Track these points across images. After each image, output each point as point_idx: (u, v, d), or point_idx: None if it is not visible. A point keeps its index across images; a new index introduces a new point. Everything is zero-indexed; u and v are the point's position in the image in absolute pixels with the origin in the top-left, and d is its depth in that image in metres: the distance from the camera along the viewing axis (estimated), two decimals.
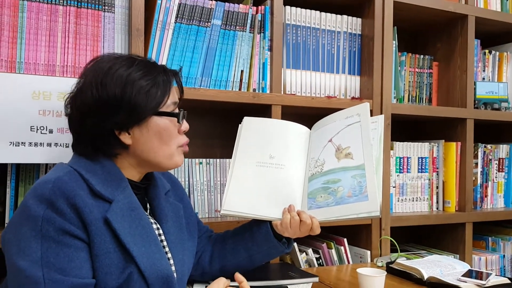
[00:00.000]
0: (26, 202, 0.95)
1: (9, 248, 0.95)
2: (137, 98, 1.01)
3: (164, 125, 1.06)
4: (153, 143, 1.06)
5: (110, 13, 1.40)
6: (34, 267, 0.91)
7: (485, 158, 2.07)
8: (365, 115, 1.23)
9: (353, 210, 1.14)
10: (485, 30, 2.09)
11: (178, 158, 1.12)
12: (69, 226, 0.94)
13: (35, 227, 0.92)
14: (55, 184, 0.95)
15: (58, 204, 0.93)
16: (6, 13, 1.28)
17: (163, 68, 1.09)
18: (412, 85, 1.98)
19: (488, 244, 2.10)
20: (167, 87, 1.07)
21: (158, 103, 1.05)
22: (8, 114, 1.22)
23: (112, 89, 1.01)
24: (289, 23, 1.65)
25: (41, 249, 0.92)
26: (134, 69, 1.03)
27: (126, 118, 1.02)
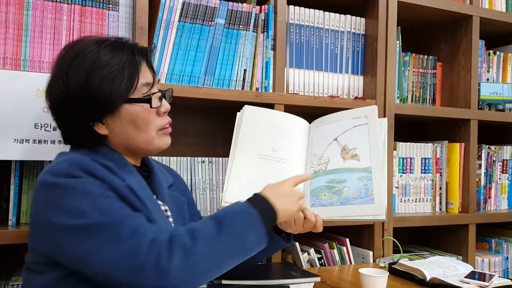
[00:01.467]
0: (49, 180, 0.93)
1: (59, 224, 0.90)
2: (102, 87, 0.98)
3: (136, 112, 1.03)
4: (129, 131, 1.04)
5: (114, 12, 1.41)
6: (100, 218, 0.89)
7: (489, 160, 2.06)
8: (373, 118, 1.22)
9: (358, 212, 1.14)
10: (490, 30, 2.09)
11: (159, 141, 1.08)
12: (105, 186, 0.94)
13: (78, 191, 0.91)
14: (70, 162, 0.95)
15: (82, 175, 0.93)
16: (11, 11, 1.29)
17: (131, 49, 1.04)
18: (416, 85, 1.98)
19: (491, 246, 2.09)
20: (134, 71, 1.02)
21: (126, 90, 1.01)
22: (13, 111, 1.23)
23: (76, 80, 0.99)
24: (293, 23, 1.66)
25: (96, 205, 0.90)
26: (99, 55, 1.00)
27: (95, 109, 1.00)
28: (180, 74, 1.48)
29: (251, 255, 0.98)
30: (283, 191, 1.07)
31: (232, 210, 0.98)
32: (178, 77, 1.48)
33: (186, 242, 0.89)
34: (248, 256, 0.98)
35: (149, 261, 0.86)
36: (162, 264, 0.86)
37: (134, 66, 1.03)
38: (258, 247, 0.98)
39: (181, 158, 1.55)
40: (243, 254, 0.96)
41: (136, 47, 1.06)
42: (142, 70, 1.05)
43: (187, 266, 0.88)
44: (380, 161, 1.17)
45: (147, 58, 1.07)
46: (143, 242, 0.87)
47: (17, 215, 1.31)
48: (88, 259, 0.88)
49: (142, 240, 0.88)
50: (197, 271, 0.89)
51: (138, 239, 0.88)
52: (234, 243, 0.94)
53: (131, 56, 1.03)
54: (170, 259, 0.87)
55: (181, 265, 0.87)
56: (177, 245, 0.88)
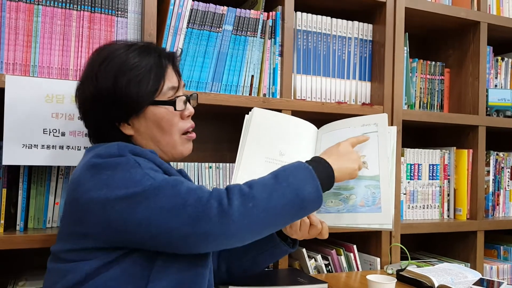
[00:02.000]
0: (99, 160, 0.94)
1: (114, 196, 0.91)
2: (128, 89, 1.02)
3: (161, 114, 1.06)
4: (154, 133, 1.07)
5: (123, 18, 1.42)
6: (156, 182, 0.91)
7: (497, 166, 2.05)
8: (383, 126, 1.21)
9: (365, 220, 1.14)
10: (498, 37, 2.08)
11: (182, 147, 1.11)
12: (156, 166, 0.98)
13: (132, 165, 0.93)
14: (120, 145, 0.98)
15: (132, 156, 0.96)
16: (21, 18, 1.30)
17: (158, 53, 1.08)
18: (424, 91, 1.98)
19: (500, 253, 2.07)
20: (161, 73, 1.06)
21: (152, 92, 1.04)
22: (22, 116, 1.24)
23: (104, 82, 1.02)
24: (300, 29, 1.66)
25: (150, 175, 0.92)
26: (128, 58, 1.03)
27: (122, 110, 1.03)
28: (188, 80, 1.49)
29: (309, 211, 0.99)
30: (341, 151, 1.09)
31: (286, 167, 1.00)
32: (186, 83, 1.48)
33: (243, 188, 0.92)
34: (305, 210, 0.98)
35: (212, 205, 0.88)
36: (223, 207, 0.88)
37: (161, 70, 1.06)
38: (316, 201, 0.98)
39: (189, 163, 1.55)
40: (300, 205, 0.96)
41: (163, 51, 1.10)
42: (168, 73, 1.08)
43: (246, 209, 0.90)
44: (389, 170, 1.17)
45: (173, 63, 1.11)
46: (203, 193, 0.91)
47: (25, 220, 1.32)
48: (150, 221, 0.89)
49: (201, 192, 0.91)
50: (256, 215, 0.91)
51: (197, 192, 0.91)
52: (291, 193, 0.94)
53: (158, 60, 1.06)
54: (230, 203, 0.89)
55: (241, 208, 0.89)
56: (235, 191, 0.91)
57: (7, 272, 1.44)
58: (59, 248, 1.02)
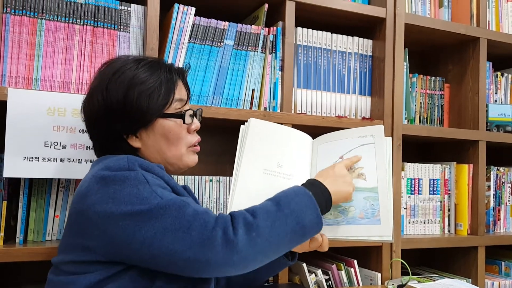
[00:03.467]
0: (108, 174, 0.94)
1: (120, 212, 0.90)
2: (139, 102, 1.03)
3: (169, 127, 1.07)
4: (161, 145, 1.07)
5: (125, 33, 1.44)
6: (162, 201, 0.91)
7: (498, 181, 2.04)
8: (379, 137, 1.22)
9: (365, 232, 1.13)
10: (497, 53, 2.09)
11: (188, 158, 1.12)
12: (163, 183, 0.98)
13: (140, 181, 0.93)
14: (129, 159, 0.98)
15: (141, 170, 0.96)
16: (25, 32, 1.32)
17: (168, 68, 1.10)
18: (424, 106, 1.98)
19: (501, 269, 2.06)
20: (171, 87, 1.08)
21: (162, 105, 1.06)
22: (23, 129, 1.24)
23: (115, 94, 1.03)
24: (301, 44, 1.67)
25: (157, 193, 0.92)
26: (138, 72, 1.05)
27: (131, 122, 1.04)
28: None
29: (309, 236, 1.00)
30: (336, 173, 1.10)
31: (287, 192, 1.01)
32: None
33: (247, 217, 0.92)
34: (306, 236, 1.00)
35: (217, 233, 0.88)
36: (228, 236, 0.88)
37: (171, 83, 1.08)
38: (316, 227, 1.00)
39: (189, 176, 1.55)
40: (301, 232, 0.97)
41: (173, 66, 1.12)
42: (178, 87, 1.10)
43: (251, 239, 0.90)
44: (387, 181, 1.17)
45: (183, 77, 1.13)
46: (209, 218, 0.91)
47: (25, 232, 1.32)
48: (153, 241, 0.89)
49: (207, 216, 0.91)
50: (260, 244, 0.91)
51: (203, 216, 0.91)
52: (293, 221, 0.96)
53: (169, 74, 1.08)
54: (235, 232, 0.89)
55: (246, 237, 0.90)
56: (239, 220, 0.91)
57: (6, 285, 1.44)
58: (60, 260, 1.01)
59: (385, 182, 1.16)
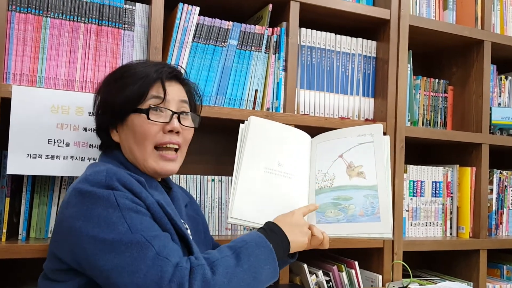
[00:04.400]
0: (85, 188, 0.94)
1: (87, 233, 0.91)
2: (116, 95, 1.06)
3: (137, 122, 1.06)
4: (130, 141, 1.08)
5: (129, 32, 1.44)
6: (128, 235, 0.90)
7: (501, 185, 2.04)
8: (378, 136, 1.23)
9: (365, 230, 1.14)
10: (502, 55, 2.09)
11: (155, 163, 1.07)
12: (139, 201, 0.96)
13: (111, 204, 0.92)
14: (108, 172, 0.97)
15: (118, 187, 0.95)
16: (30, 29, 1.32)
17: (159, 68, 1.09)
18: (427, 108, 1.98)
19: (503, 273, 2.05)
20: (148, 83, 1.06)
21: (134, 100, 1.05)
22: (27, 126, 1.25)
23: (102, 92, 1.11)
24: (304, 45, 1.68)
25: (126, 220, 0.91)
26: (128, 69, 1.10)
27: (110, 117, 1.09)
28: None
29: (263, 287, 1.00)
30: (294, 222, 1.09)
31: (249, 243, 0.99)
32: None
33: (206, 273, 0.90)
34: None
35: None
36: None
37: (150, 79, 1.07)
38: (271, 280, 1.01)
39: (191, 176, 1.56)
40: (256, 287, 0.97)
41: (165, 66, 1.12)
42: (156, 85, 1.08)
43: None
44: (386, 179, 1.18)
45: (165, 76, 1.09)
46: (167, 267, 0.88)
47: (27, 229, 1.32)
48: (110, 275, 0.89)
49: (166, 265, 0.88)
50: None
51: (162, 264, 0.88)
52: (250, 277, 0.95)
53: (155, 73, 1.07)
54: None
55: None
56: (198, 277, 0.89)
57: (8, 281, 1.44)
58: (45, 265, 1.05)
59: (384, 180, 1.17)
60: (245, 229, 1.61)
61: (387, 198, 1.16)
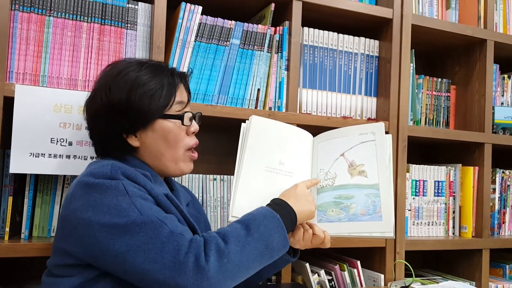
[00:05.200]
0: (90, 181, 0.95)
1: (96, 221, 0.92)
2: (141, 102, 1.05)
3: (168, 127, 1.09)
4: (159, 145, 1.09)
5: (132, 31, 1.44)
6: (139, 217, 0.92)
7: (503, 184, 2.04)
8: (380, 135, 1.23)
9: (367, 229, 1.14)
10: (504, 55, 2.08)
11: (184, 165, 1.13)
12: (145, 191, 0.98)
13: (120, 192, 0.94)
14: (113, 166, 0.99)
15: (124, 179, 0.97)
16: (33, 28, 1.33)
17: (170, 71, 1.12)
18: (429, 108, 1.98)
19: (506, 272, 2.05)
20: (172, 90, 1.10)
21: (163, 106, 1.08)
22: (30, 125, 1.25)
23: (118, 94, 1.05)
24: (307, 44, 1.67)
25: (136, 206, 0.93)
26: (141, 74, 1.07)
27: (132, 122, 1.06)
28: (195, 92, 1.50)
29: (276, 257, 1.03)
30: (299, 193, 1.12)
31: (256, 215, 1.02)
32: (192, 95, 1.49)
33: (219, 243, 0.94)
34: (273, 258, 1.03)
35: (189, 259, 0.89)
36: (200, 263, 0.89)
37: (173, 86, 1.10)
38: (282, 249, 1.03)
39: (193, 175, 1.56)
40: (269, 255, 1.01)
41: (175, 70, 1.14)
42: (179, 90, 1.12)
43: (221, 266, 0.91)
44: (387, 178, 1.17)
45: (185, 81, 1.15)
46: (183, 241, 0.91)
47: (30, 228, 1.33)
48: (126, 257, 0.90)
49: (181, 240, 0.91)
50: (230, 270, 0.93)
51: (177, 239, 0.91)
52: (261, 245, 0.98)
53: (171, 77, 1.10)
54: (207, 259, 0.90)
55: (217, 264, 0.91)
56: (212, 246, 0.92)
57: (11, 280, 1.45)
58: (49, 262, 1.06)
59: (386, 179, 1.17)
60: None
61: (388, 197, 1.16)
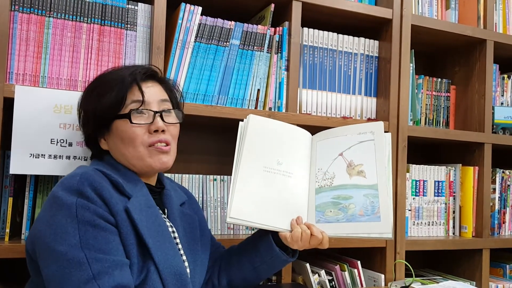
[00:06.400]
0: (56, 193, 0.98)
1: (44, 238, 0.96)
2: (95, 106, 1.08)
3: (122, 128, 1.08)
4: (119, 146, 1.10)
5: (132, 31, 1.44)
6: (74, 249, 0.92)
7: (503, 184, 2.04)
8: (379, 134, 1.22)
9: (365, 229, 1.13)
10: (504, 55, 2.08)
11: (151, 159, 1.09)
12: (102, 212, 0.97)
13: (70, 214, 0.95)
14: (82, 177, 0.99)
15: (88, 193, 0.97)
16: (32, 29, 1.33)
17: (132, 71, 1.10)
18: (429, 108, 1.98)
19: (506, 272, 2.05)
20: (124, 88, 1.08)
21: (113, 107, 1.07)
22: (30, 126, 1.25)
23: (83, 99, 1.13)
24: (306, 44, 1.68)
25: (79, 233, 0.94)
26: (105, 77, 1.12)
27: (94, 125, 1.10)
28: (195, 93, 1.50)
29: None
30: None
31: None
32: (192, 96, 1.50)
33: None
34: None
35: None
36: None
37: (123, 85, 1.08)
38: None
39: (193, 175, 1.56)
40: None
41: (139, 68, 1.13)
42: (133, 88, 1.10)
43: None
44: (386, 178, 1.16)
45: (141, 78, 1.10)
46: None
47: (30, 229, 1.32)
48: (48, 282, 0.94)
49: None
50: None
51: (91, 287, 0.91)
52: None
53: (126, 75, 1.09)
54: None
55: None
56: None
57: (11, 280, 1.45)
58: None
59: (385, 179, 1.16)
60: (247, 229, 1.61)
61: (387, 197, 1.14)
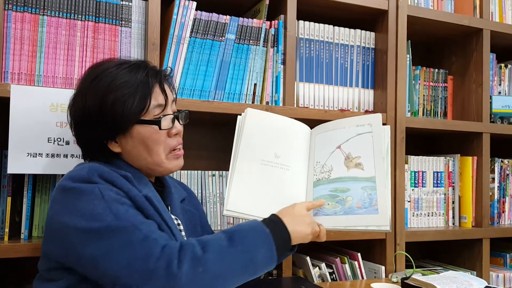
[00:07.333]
0: (67, 185, 0.95)
1: (73, 226, 0.92)
2: (114, 109, 1.02)
3: (146, 133, 1.06)
4: (140, 151, 1.07)
5: (127, 28, 1.43)
6: (115, 221, 0.90)
7: (502, 173, 2.04)
8: (377, 126, 1.21)
9: (362, 222, 1.13)
10: (501, 44, 2.08)
11: (170, 165, 1.10)
12: (122, 193, 0.97)
13: (96, 197, 0.93)
14: (91, 168, 0.98)
15: (101, 182, 0.96)
16: (27, 28, 1.32)
17: (145, 72, 1.07)
18: (427, 98, 1.98)
19: (506, 261, 2.05)
20: (146, 93, 1.05)
21: (137, 112, 1.04)
22: (27, 125, 1.25)
23: (92, 101, 1.03)
24: (302, 37, 1.67)
25: (112, 210, 0.91)
26: (115, 79, 1.04)
27: (108, 129, 1.04)
28: (191, 89, 1.50)
29: (261, 273, 0.98)
30: (297, 213, 1.07)
31: (244, 226, 0.99)
32: (189, 92, 1.50)
33: (196, 251, 0.90)
34: (258, 273, 0.97)
35: (160, 266, 0.87)
36: (172, 270, 0.87)
37: (146, 88, 1.05)
38: (268, 265, 0.98)
39: (192, 171, 1.56)
40: (252, 270, 0.96)
41: (151, 69, 1.09)
42: (154, 92, 1.07)
43: (195, 274, 0.88)
44: (384, 170, 1.16)
45: (160, 81, 1.09)
46: (155, 248, 0.89)
47: (29, 228, 1.33)
48: (99, 261, 0.89)
49: (154, 246, 0.89)
50: (205, 280, 0.89)
51: (150, 245, 0.89)
52: (243, 258, 0.94)
53: (145, 79, 1.06)
54: (180, 266, 0.87)
55: (190, 272, 0.88)
56: (187, 253, 0.89)
57: (11, 280, 1.45)
58: (39, 266, 1.06)
59: (382, 171, 1.15)
60: None
61: (385, 190, 1.14)
